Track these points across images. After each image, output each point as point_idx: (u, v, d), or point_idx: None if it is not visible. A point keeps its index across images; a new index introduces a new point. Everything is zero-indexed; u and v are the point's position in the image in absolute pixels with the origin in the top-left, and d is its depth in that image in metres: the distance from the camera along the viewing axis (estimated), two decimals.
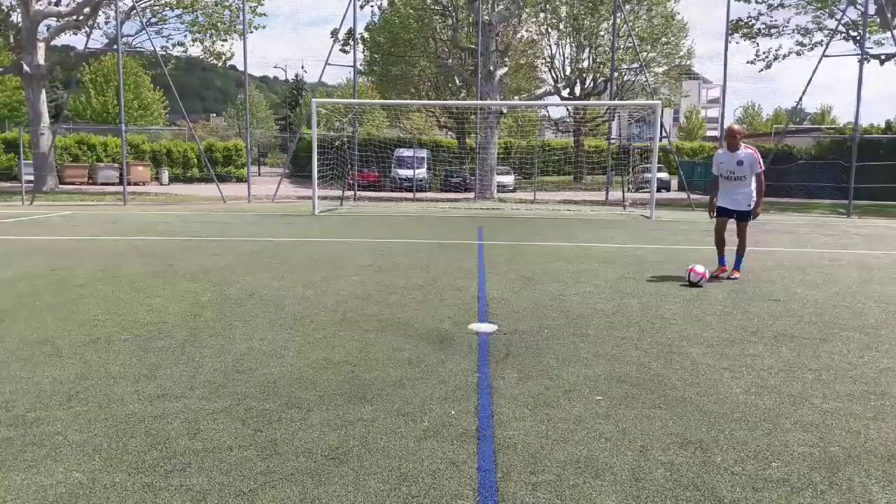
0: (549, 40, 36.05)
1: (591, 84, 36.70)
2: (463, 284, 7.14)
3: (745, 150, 7.52)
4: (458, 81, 31.77)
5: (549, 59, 37.33)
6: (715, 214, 7.91)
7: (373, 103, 32.61)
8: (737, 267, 7.77)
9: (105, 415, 3.42)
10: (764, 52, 26.78)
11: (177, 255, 9.16)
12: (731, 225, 7.90)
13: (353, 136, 24.80)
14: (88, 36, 26.21)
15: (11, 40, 25.95)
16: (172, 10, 26.81)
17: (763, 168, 7.53)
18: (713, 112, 67.77)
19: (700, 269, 7.22)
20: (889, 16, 21.35)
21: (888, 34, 22.37)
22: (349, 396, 3.72)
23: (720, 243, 7.93)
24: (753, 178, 7.59)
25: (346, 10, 23.40)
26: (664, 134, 26.94)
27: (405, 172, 28.51)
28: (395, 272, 7.86)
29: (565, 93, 36.90)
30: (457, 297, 6.49)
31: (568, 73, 37.51)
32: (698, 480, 2.80)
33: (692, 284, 7.10)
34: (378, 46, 32.43)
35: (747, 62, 27.89)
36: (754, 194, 7.64)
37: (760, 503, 2.63)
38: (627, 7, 29.14)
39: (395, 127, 41.00)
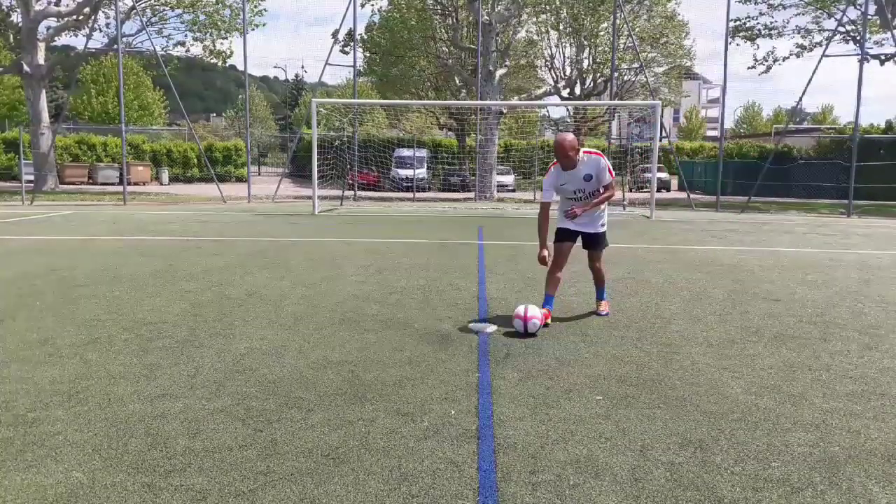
0: (548, 40, 36.04)
1: (591, 84, 36.67)
2: (463, 284, 7.14)
3: (590, 158, 5.40)
4: (458, 81, 31.77)
5: (549, 60, 37.32)
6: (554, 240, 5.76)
7: (373, 103, 32.60)
8: (602, 297, 5.98)
9: (105, 415, 3.42)
10: (763, 56, 26.83)
11: (177, 255, 9.16)
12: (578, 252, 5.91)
13: (353, 136, 24.80)
14: (88, 36, 26.23)
15: (11, 40, 25.95)
16: (172, 10, 26.82)
17: (613, 177, 5.51)
18: (713, 112, 67.78)
19: (536, 313, 5.10)
20: (889, 16, 21.37)
21: (888, 34, 22.37)
22: (349, 396, 3.72)
23: (553, 280, 5.62)
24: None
25: (346, 10, 23.42)
26: (664, 134, 26.96)
27: (405, 172, 28.51)
28: (395, 272, 7.85)
29: (565, 93, 36.87)
30: (457, 297, 6.49)
31: (568, 73, 37.51)
32: (698, 480, 2.80)
33: (527, 333, 5.04)
34: (378, 47, 32.42)
35: (748, 68, 27.93)
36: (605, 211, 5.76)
37: (760, 503, 2.63)
38: (627, 7, 29.14)
39: (395, 127, 40.99)
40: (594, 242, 5.79)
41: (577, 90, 36.89)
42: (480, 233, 12.72)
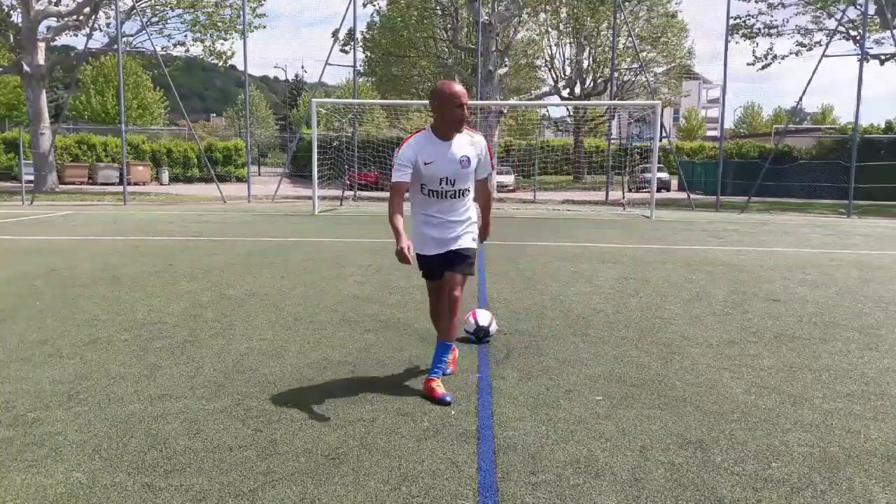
0: (549, 40, 36.07)
1: (591, 84, 36.71)
2: None
3: (472, 138, 3.84)
4: (458, 81, 31.78)
5: (549, 60, 37.36)
6: (417, 265, 3.97)
7: (373, 103, 32.59)
8: (436, 370, 3.77)
9: (105, 415, 3.42)
10: (762, 54, 26.83)
11: (177, 255, 9.16)
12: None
13: (353, 136, 24.79)
14: (89, 36, 26.23)
15: (11, 40, 25.93)
16: (172, 10, 26.82)
17: (494, 168, 3.73)
18: (713, 112, 67.79)
19: (483, 317, 4.84)
20: (889, 16, 21.36)
21: (888, 34, 22.38)
22: (349, 396, 3.72)
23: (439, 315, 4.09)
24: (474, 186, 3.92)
25: (347, 10, 23.41)
26: (664, 134, 26.96)
27: None
28: (395, 272, 7.85)
29: (565, 93, 36.91)
30: None
31: (568, 73, 37.52)
32: (698, 480, 2.80)
33: (479, 337, 4.81)
34: (378, 46, 32.44)
35: (747, 64, 28.01)
36: (477, 215, 4.03)
37: (760, 503, 2.63)
38: (627, 7, 29.14)
39: (395, 127, 40.99)
40: (457, 260, 3.83)
41: (577, 90, 36.94)
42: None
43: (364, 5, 26.98)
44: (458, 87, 3.74)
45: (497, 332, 4.97)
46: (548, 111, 43.24)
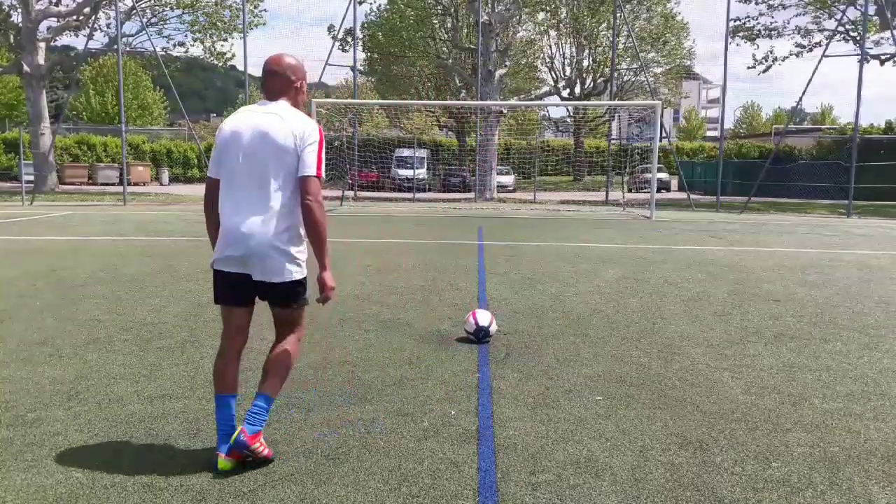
0: (548, 40, 36.06)
1: (591, 84, 36.70)
2: (463, 284, 7.14)
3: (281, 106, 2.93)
4: (458, 81, 31.78)
5: (549, 60, 37.35)
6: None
7: (373, 103, 32.57)
8: (255, 421, 2.84)
9: (105, 415, 3.42)
10: (763, 56, 26.85)
11: (177, 255, 9.16)
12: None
13: (354, 136, 24.79)
14: (89, 36, 26.20)
15: (11, 40, 25.93)
16: (172, 10, 26.82)
17: (320, 168, 2.89)
18: (713, 112, 67.78)
19: (483, 317, 4.87)
20: (889, 16, 21.36)
21: (888, 34, 22.38)
22: (349, 396, 3.72)
23: (226, 372, 3.02)
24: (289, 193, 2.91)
25: (346, 11, 23.41)
26: (664, 134, 26.95)
27: (405, 172, 28.51)
28: (395, 272, 7.85)
29: (565, 93, 36.90)
30: (457, 297, 6.49)
31: (568, 73, 37.52)
32: (698, 480, 2.80)
33: (479, 338, 4.81)
34: (378, 46, 32.44)
35: (748, 67, 28.02)
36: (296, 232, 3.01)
37: (760, 503, 2.63)
38: (627, 7, 29.14)
39: (395, 127, 40.98)
40: (277, 295, 3.04)
41: (577, 90, 36.93)
42: (480, 233, 12.72)
43: (360, 2, 26.94)
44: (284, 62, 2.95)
45: (497, 332, 4.97)
46: (548, 111, 43.27)
